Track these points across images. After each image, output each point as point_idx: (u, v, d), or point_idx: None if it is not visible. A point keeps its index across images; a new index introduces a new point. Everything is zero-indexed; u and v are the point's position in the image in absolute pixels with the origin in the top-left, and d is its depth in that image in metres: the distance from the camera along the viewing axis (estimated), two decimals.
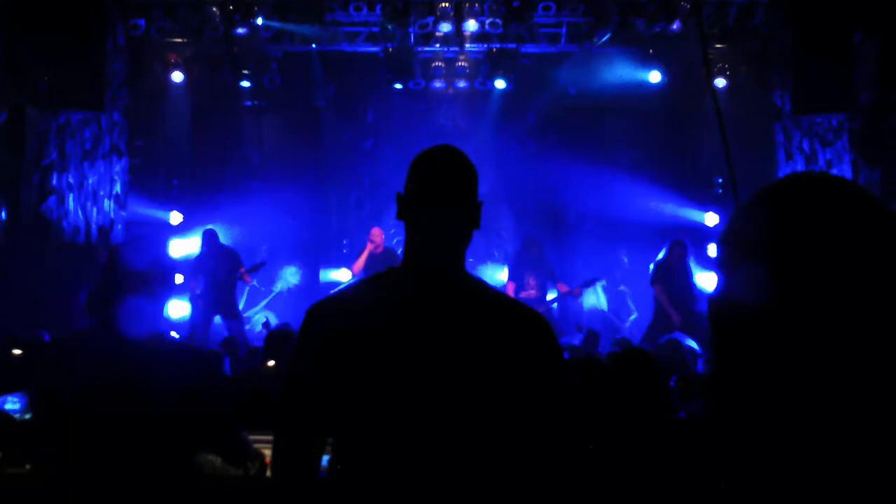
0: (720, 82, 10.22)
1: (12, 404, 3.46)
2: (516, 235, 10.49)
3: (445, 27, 9.69)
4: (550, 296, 8.83)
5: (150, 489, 2.34)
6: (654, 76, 10.26)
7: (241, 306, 9.88)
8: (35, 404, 2.48)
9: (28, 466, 2.94)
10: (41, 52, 7.06)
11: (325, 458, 1.85)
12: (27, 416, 2.97)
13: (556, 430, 1.77)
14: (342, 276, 10.16)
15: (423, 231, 1.86)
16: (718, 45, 10.03)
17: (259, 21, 9.29)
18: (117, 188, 9.46)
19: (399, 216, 1.88)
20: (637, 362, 2.86)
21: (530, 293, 8.46)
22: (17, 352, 4.90)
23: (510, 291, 8.35)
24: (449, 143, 2.00)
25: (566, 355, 2.38)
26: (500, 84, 10.27)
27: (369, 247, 8.92)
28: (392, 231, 9.76)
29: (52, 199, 7.79)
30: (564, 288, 8.84)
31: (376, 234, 8.98)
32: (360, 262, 8.94)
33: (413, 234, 1.88)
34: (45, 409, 2.38)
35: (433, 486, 1.71)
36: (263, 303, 10.89)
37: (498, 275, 10.06)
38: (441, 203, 1.84)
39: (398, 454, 1.72)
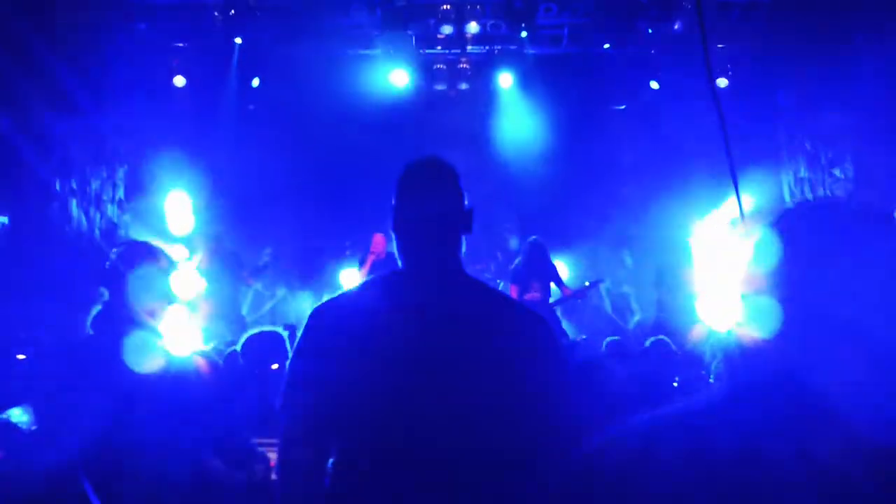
0: (722, 82, 10.21)
1: (17, 416, 3.45)
2: (520, 237, 10.46)
3: (447, 29, 9.69)
4: (553, 299, 8.77)
5: (156, 493, 2.33)
6: (653, 85, 10.36)
7: (244, 311, 9.88)
8: (41, 413, 2.48)
9: (34, 476, 2.94)
10: (43, 57, 7.06)
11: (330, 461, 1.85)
12: (34, 427, 2.97)
13: (558, 425, 1.78)
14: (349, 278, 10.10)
15: (416, 238, 1.92)
16: (721, 46, 10.02)
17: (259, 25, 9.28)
18: (120, 193, 9.45)
19: (393, 228, 1.96)
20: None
21: (534, 296, 8.39)
22: (21, 357, 4.90)
23: (513, 295, 8.28)
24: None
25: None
26: (503, 79, 10.26)
27: (371, 257, 8.68)
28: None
29: (54, 205, 7.79)
30: (568, 291, 8.75)
31: (378, 241, 8.73)
32: (364, 272, 8.71)
33: (407, 242, 1.93)
34: (53, 416, 2.38)
35: (437, 484, 1.71)
36: (268, 306, 10.86)
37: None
38: (429, 210, 1.90)
39: (401, 453, 1.72)
